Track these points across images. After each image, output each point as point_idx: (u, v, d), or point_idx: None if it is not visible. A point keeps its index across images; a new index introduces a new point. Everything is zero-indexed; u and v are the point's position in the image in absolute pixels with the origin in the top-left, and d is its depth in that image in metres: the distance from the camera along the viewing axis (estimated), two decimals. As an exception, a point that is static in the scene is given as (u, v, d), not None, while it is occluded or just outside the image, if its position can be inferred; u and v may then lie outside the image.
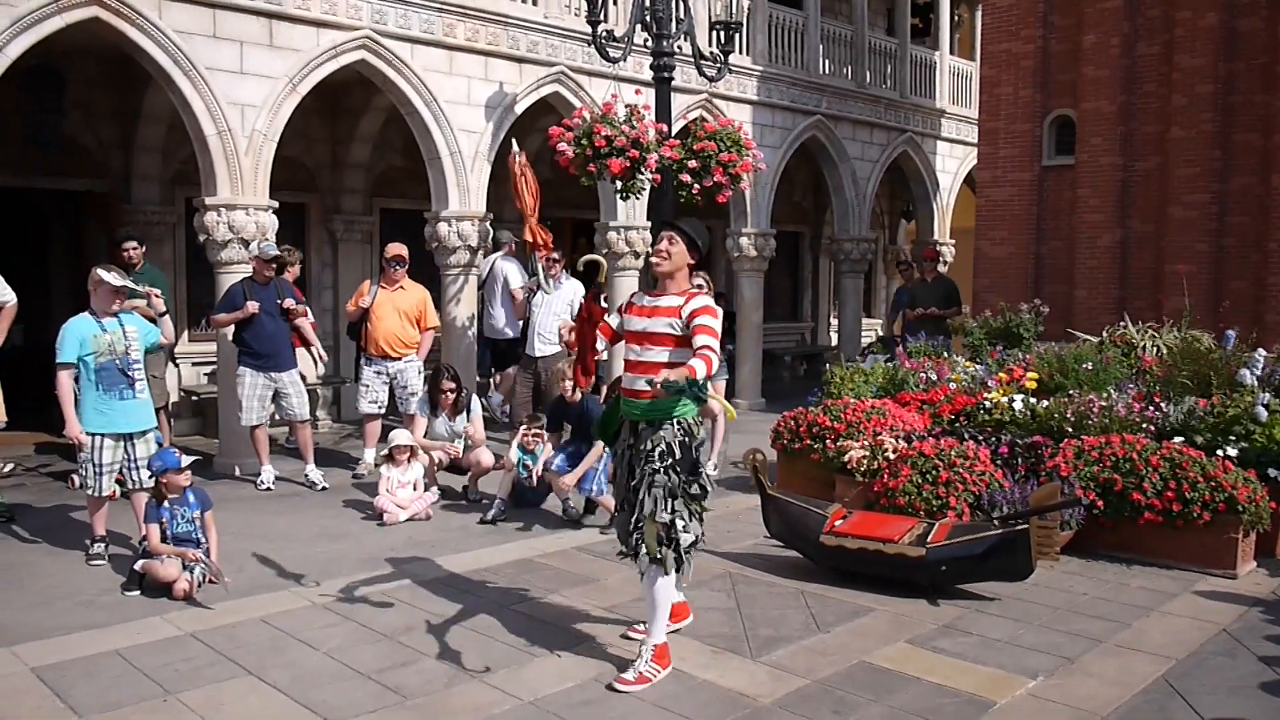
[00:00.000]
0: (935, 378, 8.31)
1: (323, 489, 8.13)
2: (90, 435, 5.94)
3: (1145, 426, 6.77)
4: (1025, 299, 11.51)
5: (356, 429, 9.80)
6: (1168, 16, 12.51)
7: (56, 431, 8.40)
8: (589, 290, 4.87)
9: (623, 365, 4.54)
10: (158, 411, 7.46)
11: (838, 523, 5.84)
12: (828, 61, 14.69)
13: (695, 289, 4.44)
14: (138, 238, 8.63)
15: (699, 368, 3.98)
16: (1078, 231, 13.31)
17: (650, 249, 4.52)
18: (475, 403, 8.12)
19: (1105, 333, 9.51)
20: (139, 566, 5.55)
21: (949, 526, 5.67)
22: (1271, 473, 6.19)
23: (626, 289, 11.34)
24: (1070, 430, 6.90)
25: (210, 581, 5.52)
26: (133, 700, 4.13)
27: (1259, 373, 6.96)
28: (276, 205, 8.97)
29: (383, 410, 8.81)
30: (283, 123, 8.99)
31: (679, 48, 9.46)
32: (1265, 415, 6.39)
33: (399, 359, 8.70)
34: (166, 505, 5.65)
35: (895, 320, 13.14)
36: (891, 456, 6.73)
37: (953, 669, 4.52)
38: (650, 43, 9.20)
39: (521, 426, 7.74)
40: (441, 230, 10.24)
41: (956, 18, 18.03)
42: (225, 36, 8.54)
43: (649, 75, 9.55)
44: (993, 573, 5.50)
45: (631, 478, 4.37)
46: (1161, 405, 7.01)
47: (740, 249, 13.38)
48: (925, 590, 5.53)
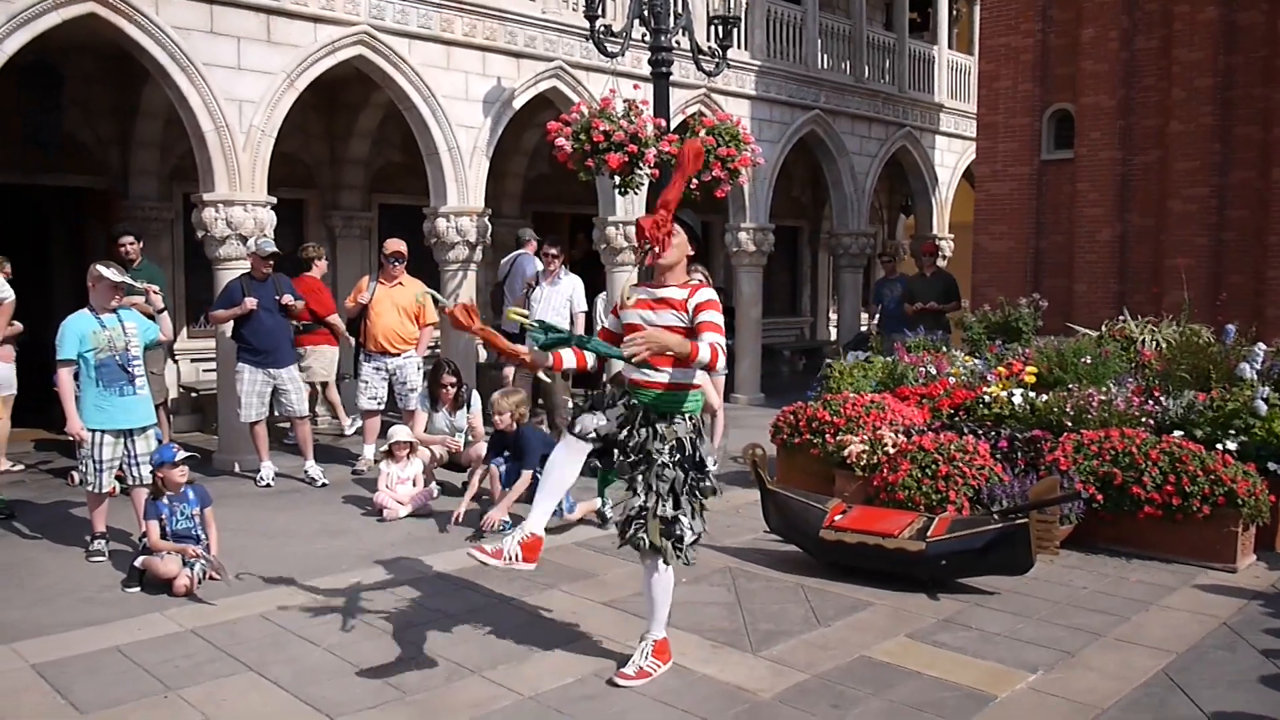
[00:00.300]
0: (935, 372, 8.32)
1: (322, 485, 8.13)
2: (90, 431, 5.94)
3: (1145, 421, 6.77)
4: (1024, 293, 11.49)
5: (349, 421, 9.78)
6: (1166, 10, 12.49)
7: (57, 428, 8.40)
8: None
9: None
10: (157, 408, 7.45)
11: (837, 517, 5.85)
12: (826, 56, 14.67)
13: (696, 282, 4.31)
14: (134, 233, 8.62)
15: (703, 350, 3.86)
16: (1077, 226, 13.30)
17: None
18: (475, 397, 8.12)
19: (1104, 327, 9.51)
20: (139, 563, 5.55)
21: (948, 521, 5.67)
22: (1271, 466, 6.19)
23: (622, 284, 11.32)
24: (1070, 424, 6.90)
25: (210, 577, 5.52)
26: (134, 697, 4.14)
27: (1258, 367, 6.96)
28: (275, 201, 8.96)
29: (382, 406, 8.81)
30: (280, 119, 8.98)
31: (677, 42, 9.46)
32: (1265, 409, 6.40)
33: (398, 355, 8.69)
34: (166, 501, 5.65)
35: (876, 314, 13.07)
36: (891, 451, 6.73)
37: (952, 663, 4.53)
38: (648, 37, 9.19)
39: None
40: (440, 226, 10.24)
41: (955, 12, 18.01)
42: (222, 32, 8.52)
43: (647, 70, 9.55)
44: (992, 567, 5.51)
45: (634, 461, 4.20)
46: (1161, 399, 7.01)
47: (739, 244, 13.38)
48: (925, 584, 5.53)
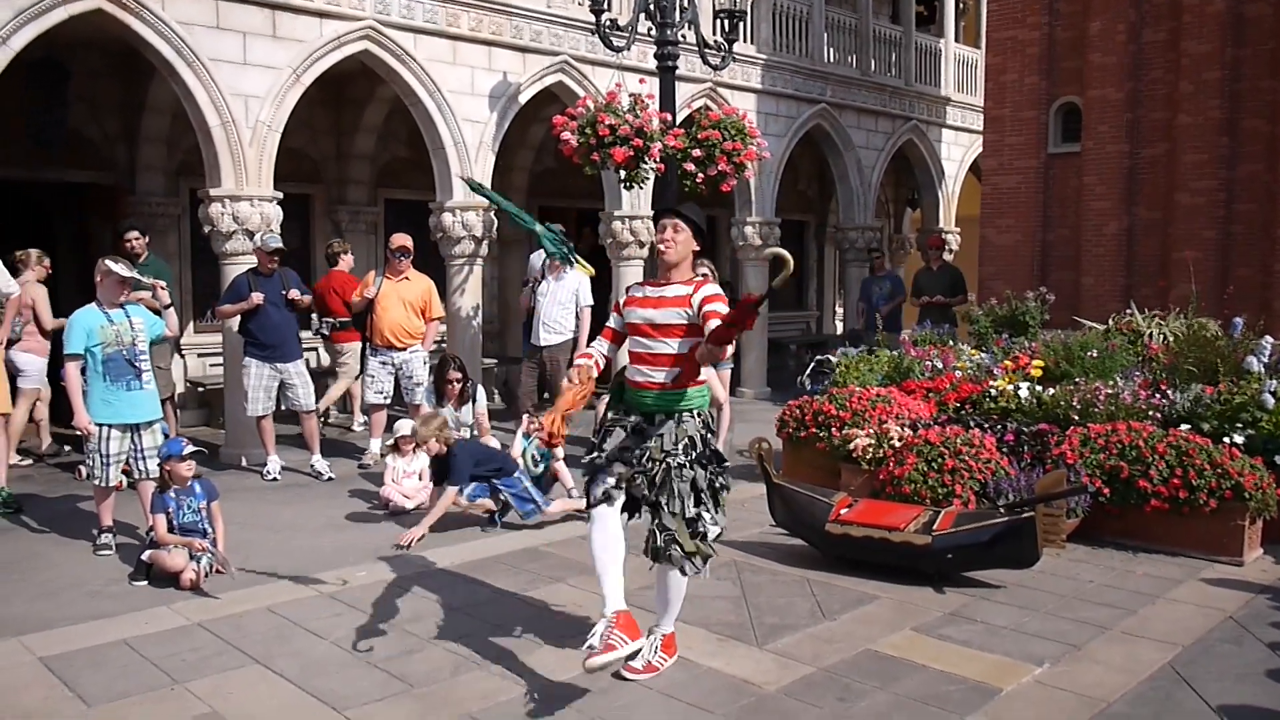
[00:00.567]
0: (941, 366, 8.30)
1: (329, 479, 8.15)
2: (98, 426, 5.97)
3: (1151, 414, 6.75)
4: (1031, 287, 11.47)
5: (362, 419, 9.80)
6: (1174, 2, 12.44)
7: (64, 422, 8.43)
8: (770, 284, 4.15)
9: (628, 357, 4.31)
10: (164, 402, 7.47)
11: (843, 511, 5.85)
12: (832, 49, 14.63)
13: (701, 277, 4.26)
14: (140, 228, 8.65)
15: (722, 337, 3.70)
16: (1084, 219, 13.27)
17: (654, 237, 4.33)
18: (480, 392, 8.13)
19: (1111, 320, 9.49)
20: (146, 556, 5.57)
21: (954, 514, 5.66)
22: (1278, 459, 6.17)
23: (631, 278, 11.31)
24: (1076, 418, 6.88)
25: (217, 571, 5.54)
26: (141, 689, 4.15)
27: (1266, 360, 6.94)
28: (281, 196, 8.97)
29: (388, 400, 8.82)
30: (287, 114, 8.99)
31: (683, 36, 9.43)
32: (1272, 402, 6.37)
33: (404, 349, 8.70)
34: (173, 495, 5.67)
35: (863, 312, 12.81)
36: (897, 444, 6.73)
37: (958, 656, 4.52)
38: (654, 31, 9.17)
39: (526, 416, 7.77)
40: (446, 220, 10.24)
41: (961, 5, 17.96)
42: (228, 27, 8.53)
43: (653, 64, 9.53)
44: (998, 560, 5.50)
45: (644, 471, 4.11)
46: (1168, 393, 6.99)
47: (745, 238, 13.34)
48: (931, 578, 5.52)
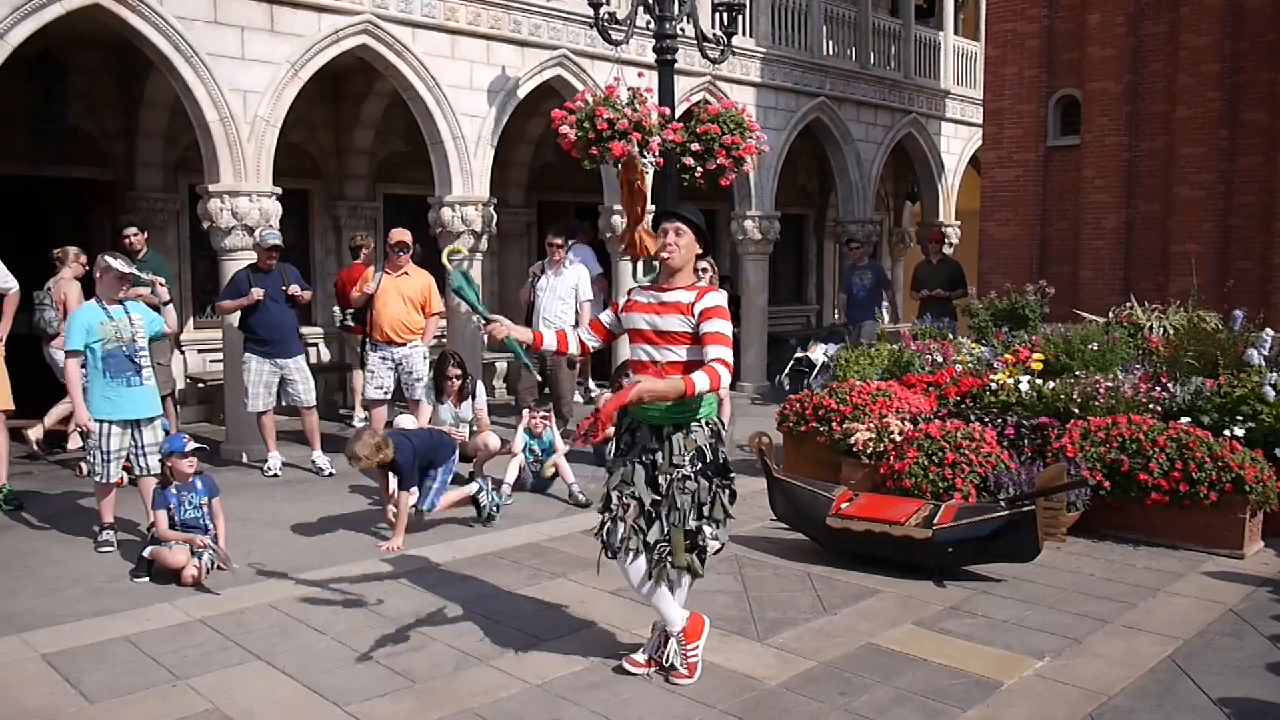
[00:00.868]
0: (941, 359, 8.31)
1: (330, 475, 8.15)
2: (98, 422, 5.96)
3: (1152, 407, 6.75)
4: (1031, 280, 11.46)
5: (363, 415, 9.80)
6: (1174, -6, 12.43)
7: (64, 418, 8.43)
8: None
9: (631, 368, 4.23)
10: (164, 399, 7.47)
11: (844, 505, 5.85)
12: (831, 43, 14.60)
13: (706, 285, 4.15)
14: (139, 224, 8.63)
15: (700, 381, 3.74)
16: (1083, 212, 13.26)
17: (656, 242, 4.27)
18: (480, 389, 8.13)
19: (1111, 313, 9.49)
20: (147, 553, 5.58)
21: (955, 508, 5.67)
22: (1279, 452, 6.17)
23: (630, 272, 11.31)
24: (1076, 411, 6.89)
25: (218, 568, 5.54)
26: (143, 686, 4.16)
27: (1266, 352, 6.94)
28: (280, 192, 8.95)
29: (389, 396, 8.81)
30: (285, 109, 8.97)
31: (681, 30, 9.41)
32: (1273, 395, 6.38)
33: (404, 345, 8.69)
34: (174, 492, 5.67)
35: (843, 305, 12.58)
36: (898, 439, 6.73)
37: (960, 650, 4.53)
38: (652, 25, 9.15)
39: (526, 411, 7.77)
40: (445, 215, 10.23)
41: (961, -3, 17.94)
42: (226, 22, 8.51)
43: (651, 58, 9.51)
44: (999, 554, 5.51)
45: (653, 485, 4.06)
46: (1168, 386, 6.99)
47: (744, 232, 13.32)
48: (932, 572, 5.53)
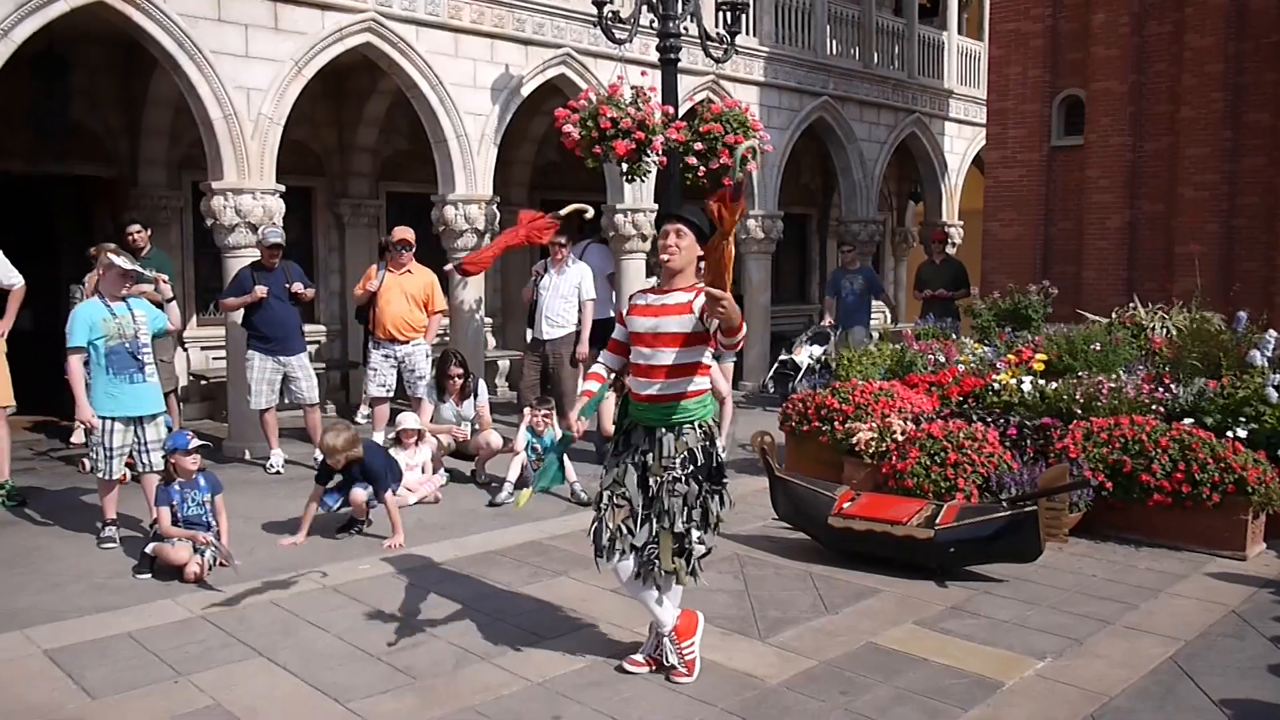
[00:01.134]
0: (944, 359, 8.30)
1: (332, 472, 8.14)
2: (101, 419, 5.96)
3: (1154, 408, 6.75)
4: (1034, 280, 11.46)
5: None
6: (1178, -5, 12.42)
7: (67, 415, 8.45)
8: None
9: (630, 369, 4.23)
10: (167, 395, 7.47)
11: (846, 505, 5.85)
12: (835, 42, 14.59)
13: (703, 285, 4.10)
14: (142, 221, 8.64)
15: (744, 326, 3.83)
16: (1087, 212, 13.25)
17: (657, 243, 4.29)
18: (482, 387, 8.14)
19: (1114, 314, 9.49)
20: (150, 549, 5.58)
21: (957, 508, 5.67)
22: (1281, 454, 6.17)
23: (634, 272, 11.33)
24: (1079, 412, 6.88)
25: (220, 564, 5.55)
26: (145, 682, 4.17)
27: (1269, 354, 6.93)
28: (283, 189, 8.95)
29: (391, 394, 8.82)
30: (289, 106, 8.97)
31: (685, 29, 9.41)
32: (1276, 396, 6.36)
33: (407, 342, 8.70)
34: (177, 488, 5.68)
35: (831, 308, 12.34)
36: (900, 438, 6.73)
37: (961, 650, 4.53)
38: (656, 24, 9.15)
39: (528, 410, 7.77)
40: (448, 213, 10.23)
41: (965, -3, 17.90)
42: (230, 20, 8.51)
43: (655, 57, 9.52)
44: (1001, 554, 5.50)
45: (644, 487, 4.08)
46: (1171, 387, 6.99)
47: (747, 231, 13.33)
48: (933, 572, 5.53)
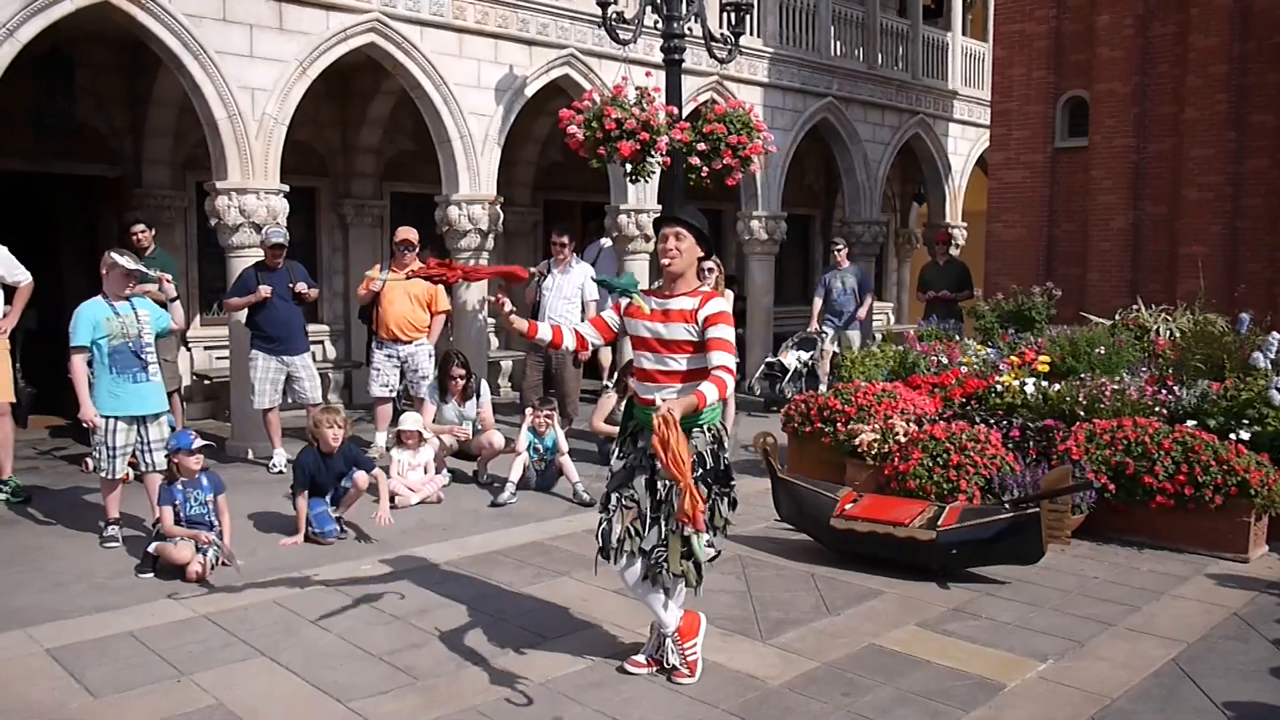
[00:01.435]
0: (947, 361, 8.30)
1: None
2: (104, 418, 5.97)
3: (1158, 410, 6.74)
4: (1037, 282, 11.45)
5: (368, 412, 9.83)
6: (1183, -4, 12.40)
7: (70, 414, 8.45)
8: None
9: (635, 373, 4.22)
10: (170, 395, 7.49)
11: (848, 506, 5.85)
12: (839, 43, 14.59)
13: (710, 290, 4.11)
14: (146, 221, 8.66)
15: (710, 393, 3.76)
16: (1091, 214, 13.23)
17: (657, 246, 4.23)
18: (484, 388, 8.15)
19: (1118, 316, 9.48)
20: (152, 549, 5.59)
21: (960, 510, 5.66)
22: (1284, 456, 6.16)
23: (637, 272, 11.32)
24: (1082, 414, 6.88)
25: (223, 564, 5.56)
26: (147, 681, 4.17)
27: (1273, 356, 6.92)
28: (287, 189, 8.96)
29: (394, 394, 8.83)
30: (293, 106, 8.98)
31: (689, 29, 9.42)
32: (1278, 398, 6.36)
33: (409, 343, 8.71)
34: (180, 488, 5.68)
35: (820, 310, 11.62)
36: (902, 440, 6.72)
37: (963, 652, 4.53)
38: (660, 24, 9.16)
39: (530, 410, 7.78)
40: (452, 214, 10.24)
41: (969, -2, 17.89)
42: (235, 20, 8.53)
43: (659, 57, 9.52)
44: (1003, 556, 5.50)
45: (652, 490, 4.05)
46: (1174, 389, 6.98)
47: (751, 232, 13.33)
48: (935, 573, 5.53)
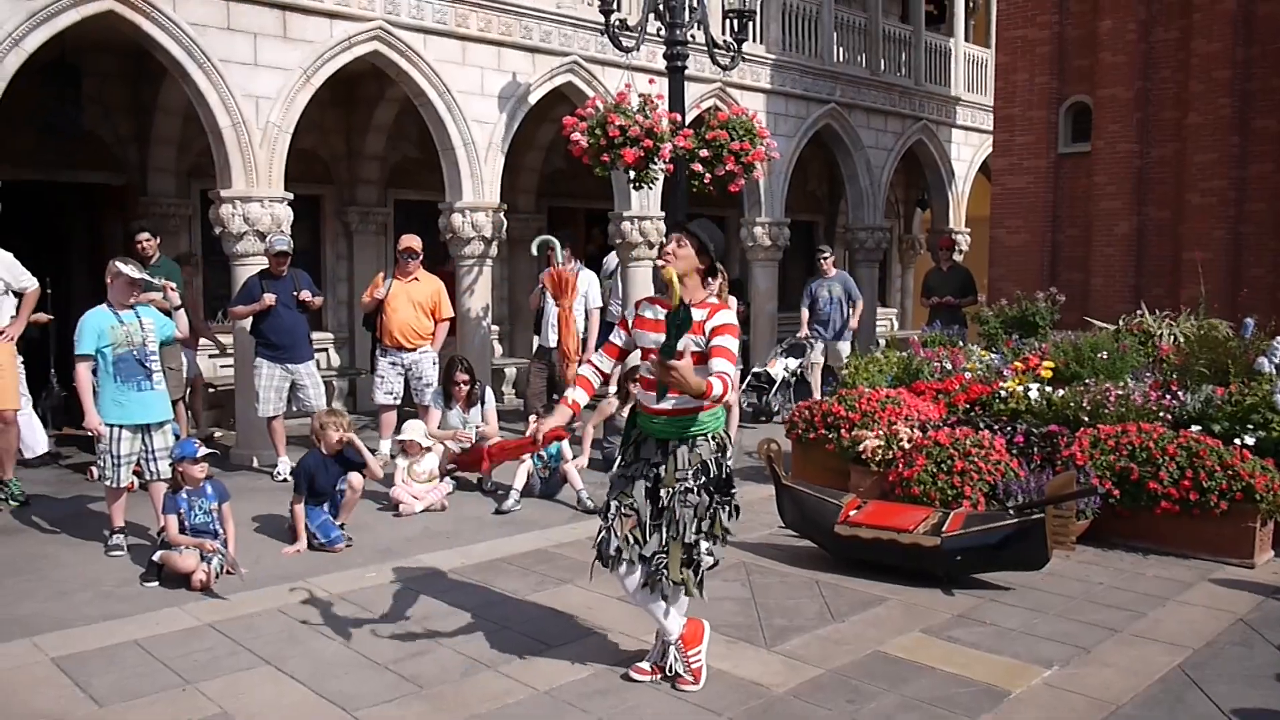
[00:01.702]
0: (950, 367, 8.29)
1: (339, 480, 8.15)
2: (108, 426, 5.99)
3: (1162, 415, 6.73)
4: (1041, 287, 11.43)
5: (372, 420, 9.84)
6: (1184, 1, 12.38)
7: (75, 423, 8.47)
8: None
9: (640, 382, 4.21)
10: (175, 403, 7.50)
11: (852, 512, 5.84)
12: (842, 49, 14.62)
13: (717, 302, 4.10)
14: (151, 229, 8.68)
15: (715, 385, 3.78)
16: (1094, 219, 13.22)
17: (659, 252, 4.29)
18: (489, 394, 8.16)
19: (1122, 321, 9.47)
20: (157, 557, 5.60)
21: (964, 516, 5.66)
22: (1289, 461, 6.14)
23: (640, 280, 11.33)
24: (1086, 419, 6.87)
25: (227, 572, 5.56)
26: (153, 690, 4.18)
27: (1277, 361, 6.91)
28: (291, 197, 8.99)
29: (398, 401, 8.84)
30: (297, 114, 9.01)
31: (692, 36, 9.44)
32: (1283, 403, 6.35)
33: (414, 350, 8.72)
34: (184, 496, 5.69)
35: (806, 319, 11.64)
36: (906, 446, 6.72)
37: (967, 658, 4.52)
38: (663, 32, 9.17)
39: (534, 417, 7.78)
40: (456, 221, 10.26)
41: (971, 3, 17.89)
42: (239, 28, 8.56)
43: (662, 64, 9.53)
44: (1008, 562, 5.50)
45: (654, 498, 4.07)
46: (1178, 394, 6.97)
47: (754, 238, 13.34)
48: (940, 580, 5.52)
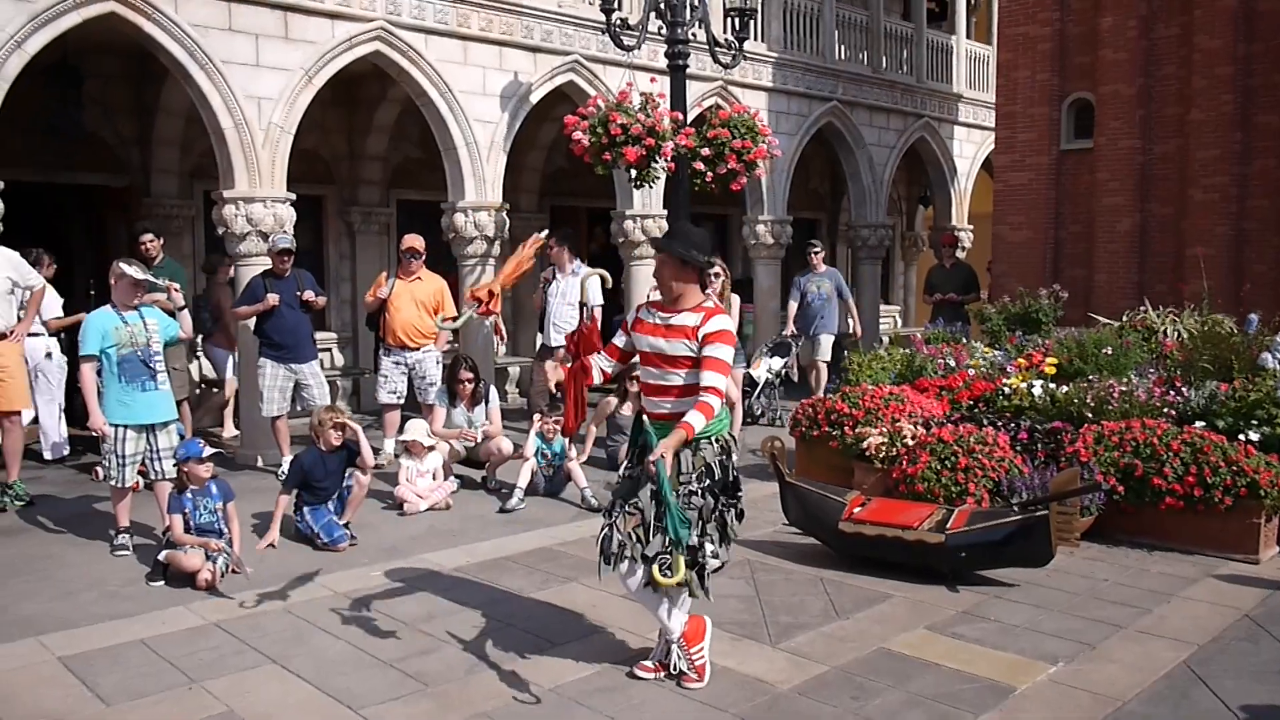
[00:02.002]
0: (954, 364, 8.29)
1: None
2: (113, 426, 6.00)
3: (1166, 411, 6.73)
4: (1044, 284, 11.43)
5: (376, 420, 9.85)
6: (1187, -3, 12.39)
7: (80, 423, 8.48)
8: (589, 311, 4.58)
9: (641, 387, 4.26)
10: (179, 403, 7.50)
11: (856, 510, 5.85)
12: (843, 47, 14.61)
13: (713, 306, 4.11)
14: (155, 231, 8.70)
15: (697, 422, 3.81)
16: (1097, 215, 13.21)
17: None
18: (493, 393, 8.16)
19: (1125, 317, 9.47)
20: (163, 557, 5.61)
21: (968, 513, 5.66)
22: (1294, 457, 6.14)
23: (643, 278, 11.34)
24: (1090, 415, 6.87)
25: (233, 571, 5.57)
26: (159, 689, 4.19)
27: (1281, 356, 6.92)
28: (294, 197, 9.00)
29: (402, 400, 8.84)
30: (299, 115, 9.02)
31: (693, 35, 9.44)
32: (1287, 399, 6.35)
33: (417, 349, 8.73)
34: (189, 496, 5.71)
35: (794, 315, 11.67)
36: (910, 443, 6.72)
37: (972, 655, 4.52)
38: (665, 30, 9.18)
39: (538, 416, 7.79)
40: (458, 221, 10.27)
41: (973, 1, 17.89)
42: (241, 29, 8.57)
43: (664, 63, 9.54)
44: (1012, 559, 5.50)
45: (656, 501, 4.05)
46: (1182, 390, 6.97)
47: (757, 236, 13.35)
48: (944, 577, 5.52)
